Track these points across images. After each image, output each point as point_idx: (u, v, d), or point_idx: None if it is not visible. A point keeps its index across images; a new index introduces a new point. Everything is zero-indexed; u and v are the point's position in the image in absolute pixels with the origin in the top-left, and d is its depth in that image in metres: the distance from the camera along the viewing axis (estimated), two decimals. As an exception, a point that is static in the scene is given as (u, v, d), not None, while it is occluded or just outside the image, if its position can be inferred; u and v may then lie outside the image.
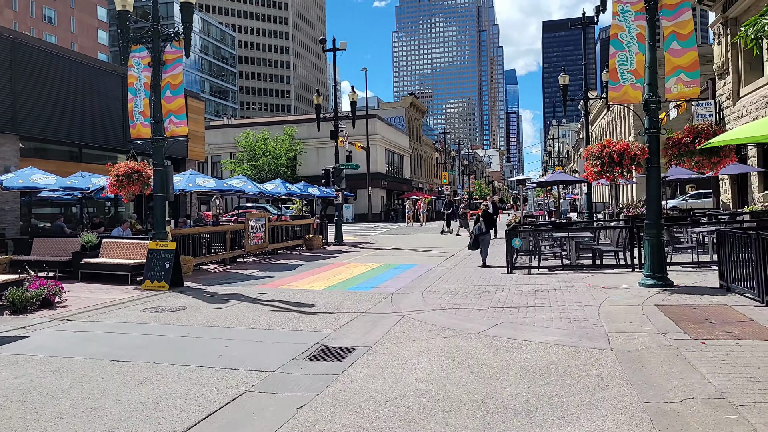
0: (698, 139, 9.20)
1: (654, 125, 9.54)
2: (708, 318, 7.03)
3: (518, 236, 12.98)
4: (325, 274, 13.75)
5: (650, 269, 9.53)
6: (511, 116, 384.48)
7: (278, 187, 18.75)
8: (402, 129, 63.73)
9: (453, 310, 8.44)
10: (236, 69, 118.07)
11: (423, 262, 15.73)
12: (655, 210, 9.59)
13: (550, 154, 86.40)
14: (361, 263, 15.92)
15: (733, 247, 8.47)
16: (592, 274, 11.57)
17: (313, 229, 21.71)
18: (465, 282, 11.33)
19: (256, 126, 51.85)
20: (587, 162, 9.98)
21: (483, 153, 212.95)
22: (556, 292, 9.57)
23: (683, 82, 9.48)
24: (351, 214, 47.78)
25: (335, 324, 7.87)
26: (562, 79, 20.94)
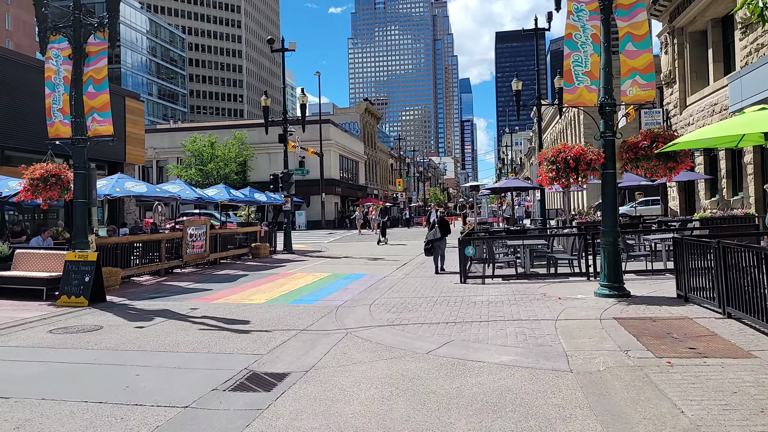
0: (655, 143, 8.87)
1: (609, 129, 9.18)
2: (670, 332, 6.59)
3: (472, 244, 12.46)
4: (268, 285, 12.84)
5: (607, 278, 9.13)
6: (466, 124, 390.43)
7: (221, 192, 17.69)
8: (357, 135, 63.10)
9: (401, 326, 7.76)
10: (186, 71, 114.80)
11: (374, 272, 15.03)
12: (611, 217, 9.21)
13: (503, 161, 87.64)
14: (308, 273, 15.08)
15: (691, 256, 8.13)
16: (547, 283, 11.14)
17: (260, 237, 20.68)
18: (416, 293, 10.69)
19: (204, 130, 50.14)
20: (542, 167, 9.53)
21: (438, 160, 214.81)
22: (510, 303, 9.03)
23: (639, 84, 9.16)
24: (304, 221, 46.69)
25: (269, 344, 7.04)
26: (515, 84, 20.75)
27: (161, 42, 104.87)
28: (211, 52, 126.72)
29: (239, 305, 10.11)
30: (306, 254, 21.44)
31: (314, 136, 47.07)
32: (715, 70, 19.54)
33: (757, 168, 16.08)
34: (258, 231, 20.59)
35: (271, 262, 18.48)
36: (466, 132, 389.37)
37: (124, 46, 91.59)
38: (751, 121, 6.88)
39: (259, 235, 20.67)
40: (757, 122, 6.82)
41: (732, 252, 6.91)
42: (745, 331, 6.47)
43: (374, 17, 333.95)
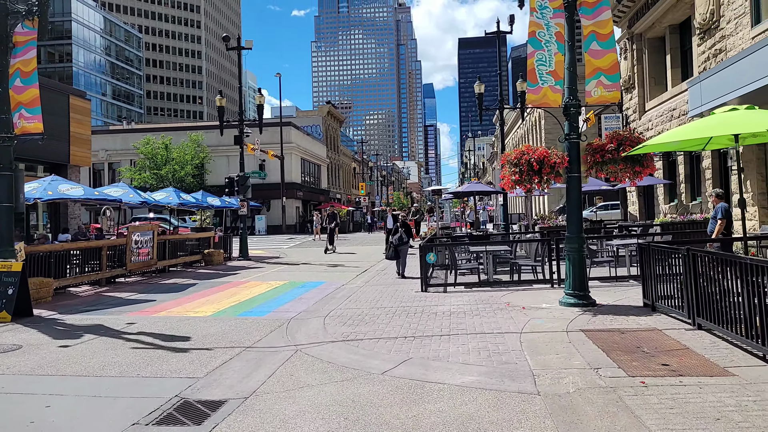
0: (622, 146, 8.56)
1: (574, 131, 8.82)
2: (640, 346, 6.20)
3: (433, 250, 11.97)
4: (218, 295, 12.04)
5: (572, 287, 8.75)
6: (430, 129, 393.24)
7: (170, 196, 16.72)
8: (319, 138, 62.25)
9: (356, 342, 7.16)
10: (142, 72, 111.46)
11: (333, 279, 14.40)
12: (576, 222, 8.85)
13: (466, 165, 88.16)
14: (262, 281, 14.31)
15: (658, 263, 7.82)
16: (510, 291, 10.73)
17: (214, 242, 19.75)
18: (375, 303, 10.11)
19: (159, 131, 48.43)
20: (504, 169, 9.11)
21: (402, 164, 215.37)
22: (473, 314, 8.55)
23: (604, 85, 8.85)
24: (264, 225, 45.61)
25: (209, 365, 6.34)
26: (478, 87, 20.48)
27: (116, 41, 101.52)
28: (170, 53, 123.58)
29: (182, 319, 9.31)
30: (263, 261, 20.61)
31: (275, 138, 46.04)
32: (673, 76, 19.71)
33: (716, 173, 16.17)
34: (211, 236, 19.65)
35: (225, 269, 17.59)
36: (430, 137, 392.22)
37: (75, 44, 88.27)
38: (719, 123, 6.59)
39: (213, 241, 19.74)
40: (725, 124, 6.53)
41: (702, 260, 6.59)
42: (718, 344, 6.14)
43: (338, 21, 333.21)
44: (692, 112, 14.52)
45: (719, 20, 15.15)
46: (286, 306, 10.45)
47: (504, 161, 8.92)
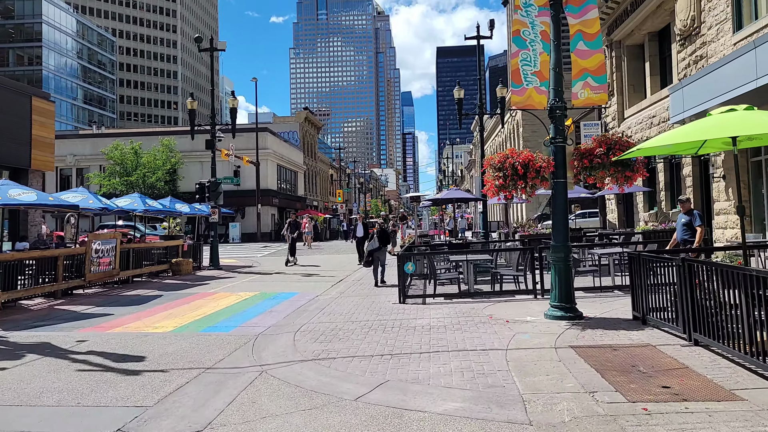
0: (611, 151, 8.14)
1: (560, 134, 8.38)
2: (635, 364, 5.72)
3: (412, 259, 11.43)
4: (182, 308, 11.29)
5: (557, 299, 8.28)
6: (408, 137, 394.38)
7: (134, 202, 15.87)
8: (296, 144, 61.46)
9: (329, 361, 6.54)
10: (116, 76, 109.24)
11: (306, 290, 13.74)
12: (562, 230, 8.39)
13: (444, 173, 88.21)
14: (232, 293, 13.58)
15: (649, 274, 7.39)
16: (492, 302, 10.22)
17: (183, 251, 18.90)
18: (350, 316, 9.50)
19: (129, 136, 47.16)
20: (487, 174, 8.61)
21: (380, 172, 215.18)
22: (454, 329, 8.00)
23: (591, 87, 8.44)
24: (238, 233, 44.58)
25: (162, 390, 5.66)
26: (457, 92, 20.11)
27: (89, 44, 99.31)
28: (144, 57, 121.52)
29: (139, 335, 8.57)
30: (235, 270, 19.81)
31: (251, 144, 45.17)
32: (652, 83, 19.60)
33: (696, 181, 16.00)
34: (180, 245, 18.80)
35: (193, 279, 16.77)
36: (408, 144, 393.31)
37: (46, 47, 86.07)
38: (715, 125, 6.19)
39: (182, 250, 18.89)
40: (721, 126, 6.12)
41: (699, 271, 6.16)
42: (718, 362, 5.69)
43: (317, 28, 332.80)
44: (674, 119, 14.30)
45: (700, 26, 15.01)
46: (254, 320, 9.77)
47: (487, 165, 8.43)
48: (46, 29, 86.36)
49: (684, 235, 9.77)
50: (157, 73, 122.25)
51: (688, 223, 9.69)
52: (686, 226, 9.71)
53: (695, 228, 9.56)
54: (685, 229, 9.74)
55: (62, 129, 78.66)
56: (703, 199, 15.98)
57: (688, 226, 9.67)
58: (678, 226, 9.93)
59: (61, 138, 51.98)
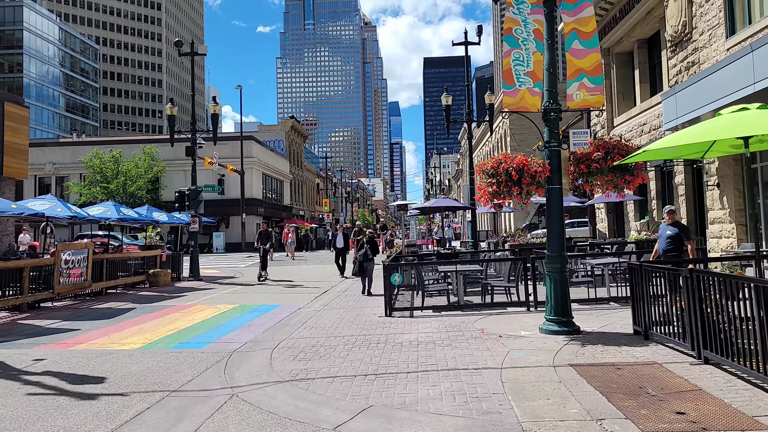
0: (610, 155, 7.70)
1: (555, 138, 7.94)
2: (643, 386, 5.22)
3: (399, 270, 10.90)
4: (155, 323, 10.62)
5: (553, 312, 7.79)
6: (395, 147, 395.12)
7: (108, 211, 15.16)
8: (282, 153, 60.81)
9: (307, 382, 5.96)
10: (99, 84, 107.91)
11: (289, 302, 13.13)
12: (558, 240, 7.92)
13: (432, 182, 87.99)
14: (210, 305, 12.92)
15: (652, 286, 6.92)
16: (483, 315, 9.71)
17: (161, 261, 18.17)
18: (333, 330, 8.93)
19: (110, 144, 46.26)
20: (479, 180, 8.13)
21: (367, 181, 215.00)
22: (444, 345, 7.46)
23: (587, 88, 8.02)
24: (222, 243, 43.76)
25: (118, 418, 5.04)
26: (445, 99, 19.72)
27: (71, 52, 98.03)
28: (128, 65, 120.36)
29: (103, 353, 7.91)
30: (215, 281, 19.11)
31: (236, 153, 44.49)
32: (641, 91, 19.36)
33: (689, 189, 15.68)
34: (158, 255, 18.08)
35: (171, 291, 16.06)
36: (395, 154, 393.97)
37: (27, 54, 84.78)
38: (726, 125, 5.76)
39: (160, 260, 18.16)
40: (732, 126, 5.69)
41: (709, 283, 5.69)
42: (733, 383, 5.21)
43: (304, 38, 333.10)
44: (667, 125, 13.98)
45: (692, 32, 14.77)
46: (230, 335, 9.15)
47: (479, 171, 7.94)
48: (28, 36, 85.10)
49: (667, 248, 8.55)
50: (141, 82, 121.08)
51: (674, 236, 8.51)
52: (671, 238, 8.52)
53: (683, 242, 8.43)
54: (670, 241, 8.55)
55: (44, 137, 77.33)
56: (696, 208, 15.67)
57: (673, 239, 8.48)
58: (661, 238, 8.82)
59: (40, 146, 50.87)
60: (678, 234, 8.50)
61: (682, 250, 8.40)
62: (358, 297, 13.28)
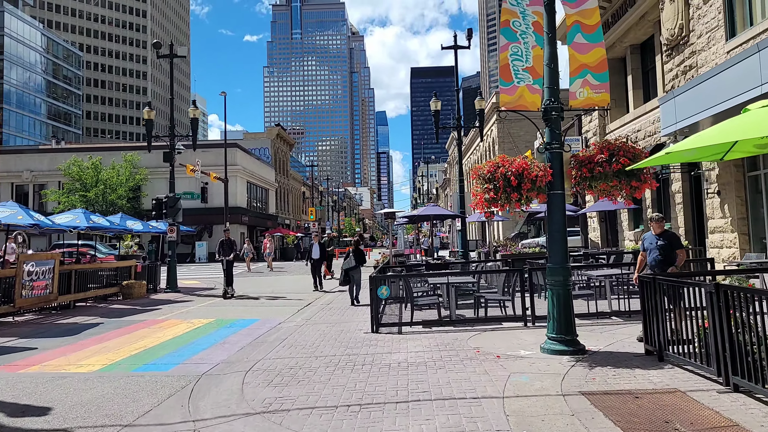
0: (615, 158, 7.05)
1: (556, 139, 7.29)
2: (669, 420, 4.53)
3: (386, 282, 10.15)
4: (121, 340, 9.76)
5: (556, 329, 7.09)
6: (382, 156, 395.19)
7: (76, 219, 14.23)
8: (267, 161, 59.89)
9: (281, 415, 5.19)
10: (82, 91, 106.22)
11: (269, 315, 12.33)
12: (560, 250, 7.25)
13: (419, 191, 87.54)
14: (184, 320, 12.06)
15: (667, 301, 6.25)
16: (477, 331, 8.99)
17: (137, 272, 17.24)
18: (314, 349, 8.15)
19: (90, 151, 45.11)
20: (474, 185, 7.43)
21: (354, 191, 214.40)
22: (436, 366, 6.72)
23: (591, 85, 7.39)
24: (205, 252, 42.70)
25: (52, 464, 4.22)
26: (434, 104, 19.11)
27: (54, 58, 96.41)
28: (112, 72, 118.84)
29: (56, 376, 7.06)
30: (194, 293, 18.21)
31: (219, 160, 43.50)
32: (635, 97, 18.93)
33: (686, 197, 15.17)
34: (133, 265, 17.15)
35: (144, 304, 15.15)
36: (383, 164, 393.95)
37: (8, 60, 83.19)
38: (751, 123, 5.13)
39: (135, 271, 17.23)
40: (759, 124, 5.06)
41: (739, 299, 5.03)
42: (773, 415, 4.52)
43: (291, 47, 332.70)
44: (665, 131, 13.46)
45: (689, 35, 14.31)
46: (202, 354, 8.33)
47: (474, 176, 7.25)
48: (9, 42, 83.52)
49: (659, 259, 7.57)
50: (125, 89, 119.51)
51: (665, 246, 7.53)
52: (662, 249, 7.54)
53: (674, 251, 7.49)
54: (660, 252, 7.55)
55: (25, 145, 75.68)
56: (694, 217, 15.16)
57: (665, 249, 7.52)
58: (649, 248, 7.71)
59: (18, 153, 49.56)
60: (669, 244, 7.55)
61: (674, 262, 7.61)
62: (343, 310, 12.52)
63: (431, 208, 17.06)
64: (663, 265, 7.56)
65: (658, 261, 7.59)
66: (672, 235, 7.81)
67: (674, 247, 7.59)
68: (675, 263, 7.53)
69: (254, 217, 50.95)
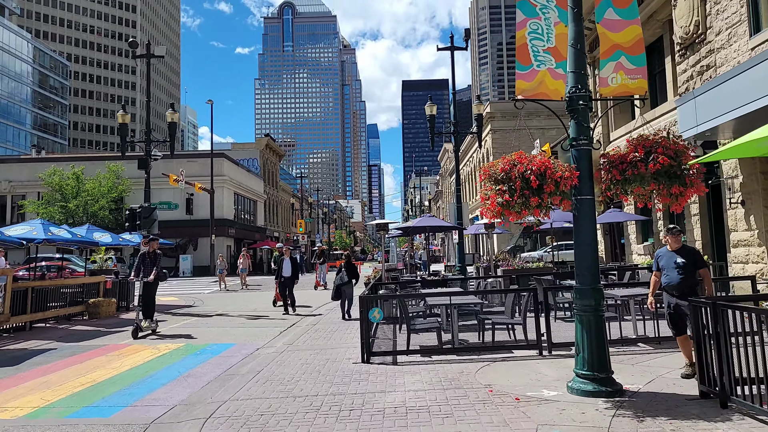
0: (652, 156, 5.84)
1: (584, 134, 6.08)
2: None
3: (378, 303, 8.84)
4: (69, 372, 8.34)
5: (587, 365, 5.81)
6: (373, 169, 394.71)
7: (33, 230, 12.77)
8: (256, 172, 58.51)
9: (239, 491, 3.83)
10: (68, 101, 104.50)
11: (247, 339, 10.96)
12: (589, 267, 6.00)
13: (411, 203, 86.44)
14: (150, 344, 10.65)
15: (736, 332, 5.00)
16: (485, 361, 7.69)
17: (106, 289, 15.79)
18: (292, 386, 6.80)
19: (71, 160, 43.56)
20: (484, 188, 6.15)
21: (345, 203, 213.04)
22: (442, 414, 5.41)
23: (625, 69, 6.20)
24: (189, 266, 41.15)
25: None
26: (429, 109, 17.95)
27: (40, 68, 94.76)
28: (101, 83, 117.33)
29: (-35, 428, 5.66)
30: (170, 311, 16.75)
31: (206, 171, 42.18)
32: (641, 103, 17.84)
33: (703, 208, 14.03)
34: (102, 281, 15.70)
35: (111, 325, 13.70)
36: (374, 176, 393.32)
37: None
38: None
39: (104, 287, 15.77)
40: None
41: None
42: None
43: (282, 60, 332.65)
44: (685, 134, 12.31)
45: (706, 33, 13.25)
46: (158, 392, 6.95)
47: (485, 176, 5.99)
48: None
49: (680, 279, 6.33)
50: (113, 99, 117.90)
51: (686, 265, 6.34)
52: (683, 267, 6.34)
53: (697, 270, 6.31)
54: (682, 270, 6.34)
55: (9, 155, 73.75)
56: (712, 230, 14.00)
57: (686, 268, 6.33)
58: (666, 267, 6.54)
59: (-7, 162, 47.81)
60: (691, 262, 6.33)
61: (697, 282, 6.36)
62: (330, 332, 11.18)
63: (428, 219, 15.79)
64: (684, 287, 6.30)
65: (678, 282, 6.35)
66: (692, 251, 6.50)
67: (698, 266, 6.34)
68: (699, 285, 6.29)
69: (242, 230, 49.47)
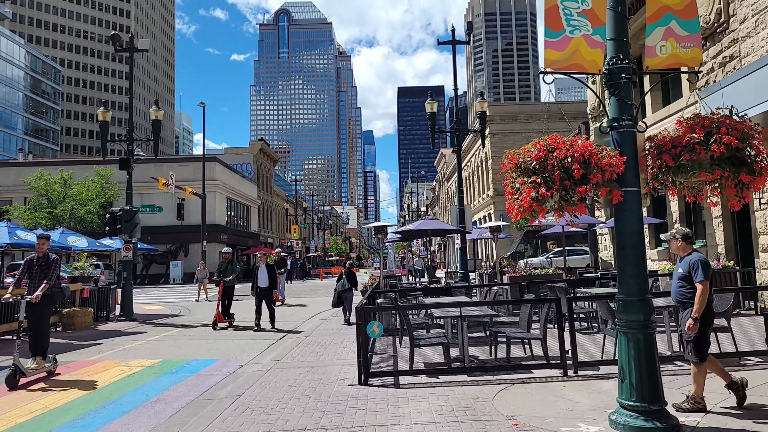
0: (715, 137, 4.80)
1: (627, 112, 5.07)
2: None
3: (377, 316, 7.77)
4: (18, 396, 7.22)
5: (635, 394, 4.75)
6: (369, 175, 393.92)
7: (-4, 234, 11.68)
8: (250, 177, 57.40)
9: None
10: (60, 107, 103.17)
11: (231, 354, 9.89)
12: (635, 274, 4.96)
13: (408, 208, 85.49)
14: (121, 361, 9.54)
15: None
16: (503, 383, 6.62)
17: (82, 297, 14.65)
18: (277, 416, 5.72)
19: (59, 165, 42.37)
20: (508, 180, 5.09)
21: (341, 209, 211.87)
22: (460, 457, 4.33)
23: (677, 36, 5.18)
24: (180, 273, 39.96)
25: None
26: (429, 106, 16.96)
27: (32, 72, 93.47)
28: (94, 88, 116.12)
29: None
30: (152, 321, 15.62)
31: (198, 175, 41.03)
32: (653, 101, 16.96)
33: (725, 209, 13.07)
34: (78, 290, 14.56)
35: (85, 337, 12.55)
36: (369, 183, 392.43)
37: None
38: None
39: (81, 296, 14.64)
40: None
41: None
42: None
43: (278, 66, 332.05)
44: (711, 129, 11.35)
45: (728, 21, 12.33)
46: (115, 424, 5.85)
47: (510, 166, 4.92)
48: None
49: (677, 294, 5.49)
50: (106, 105, 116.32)
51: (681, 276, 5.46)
52: (683, 279, 5.44)
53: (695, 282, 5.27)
54: (683, 283, 5.44)
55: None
56: (736, 233, 13.03)
57: (686, 280, 5.40)
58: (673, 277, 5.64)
59: (-20, 166, 46.52)
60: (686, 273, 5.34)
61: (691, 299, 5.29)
62: (324, 345, 10.09)
63: (429, 222, 14.76)
64: (685, 299, 5.32)
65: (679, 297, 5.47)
66: (690, 261, 5.37)
67: (694, 278, 5.27)
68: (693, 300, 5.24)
69: (234, 235, 48.31)
